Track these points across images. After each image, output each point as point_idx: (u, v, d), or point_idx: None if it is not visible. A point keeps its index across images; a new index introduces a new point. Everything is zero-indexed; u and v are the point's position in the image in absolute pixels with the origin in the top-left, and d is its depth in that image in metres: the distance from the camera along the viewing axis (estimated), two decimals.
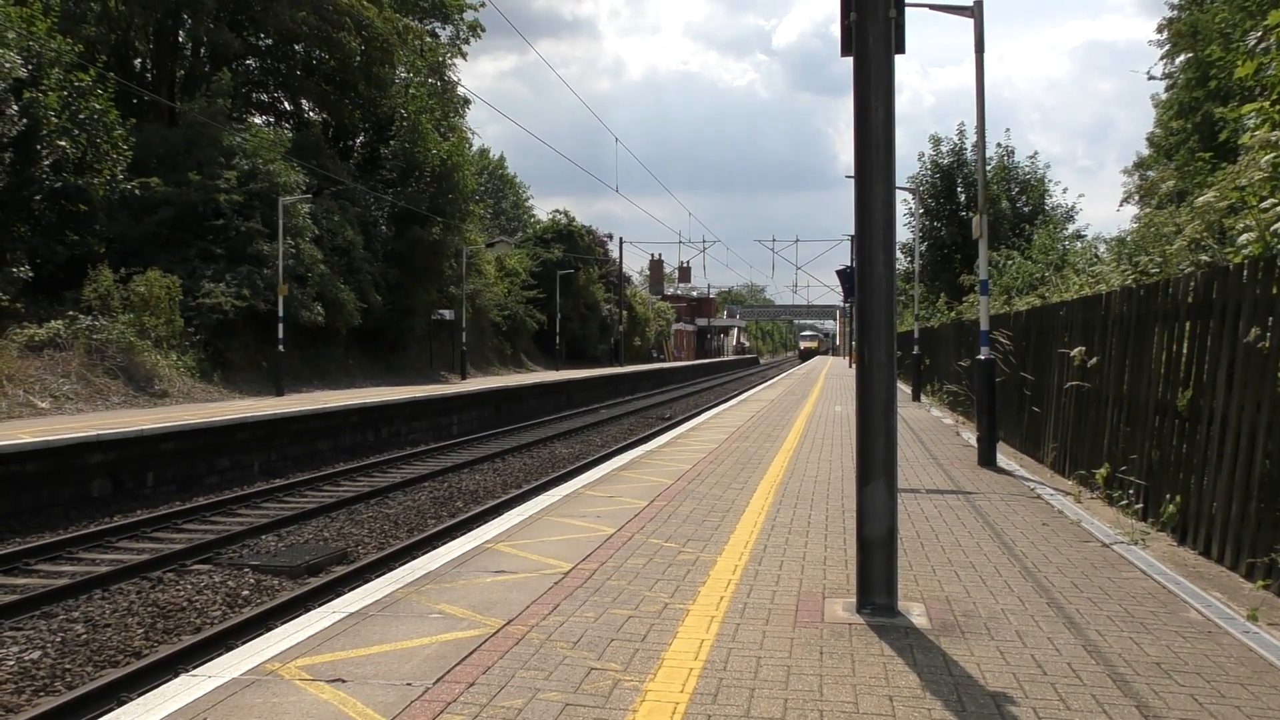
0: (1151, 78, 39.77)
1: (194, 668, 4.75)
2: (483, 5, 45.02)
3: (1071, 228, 34.63)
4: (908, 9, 6.18)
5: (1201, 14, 32.46)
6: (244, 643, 5.14)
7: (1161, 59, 38.98)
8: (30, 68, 22.34)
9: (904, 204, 38.83)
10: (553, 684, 4.54)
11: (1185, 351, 8.28)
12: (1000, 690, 4.52)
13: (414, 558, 7.51)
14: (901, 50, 5.94)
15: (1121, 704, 4.35)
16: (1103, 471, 10.14)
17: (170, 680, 4.60)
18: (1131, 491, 9.26)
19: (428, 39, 43.17)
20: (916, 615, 5.74)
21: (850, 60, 5.90)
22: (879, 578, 5.79)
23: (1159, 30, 38.92)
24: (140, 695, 4.40)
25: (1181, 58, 37.68)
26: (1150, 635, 5.42)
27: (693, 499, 9.74)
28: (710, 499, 9.76)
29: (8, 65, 20.96)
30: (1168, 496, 8.36)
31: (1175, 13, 37.44)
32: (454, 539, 7.77)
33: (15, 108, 21.54)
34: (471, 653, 4.96)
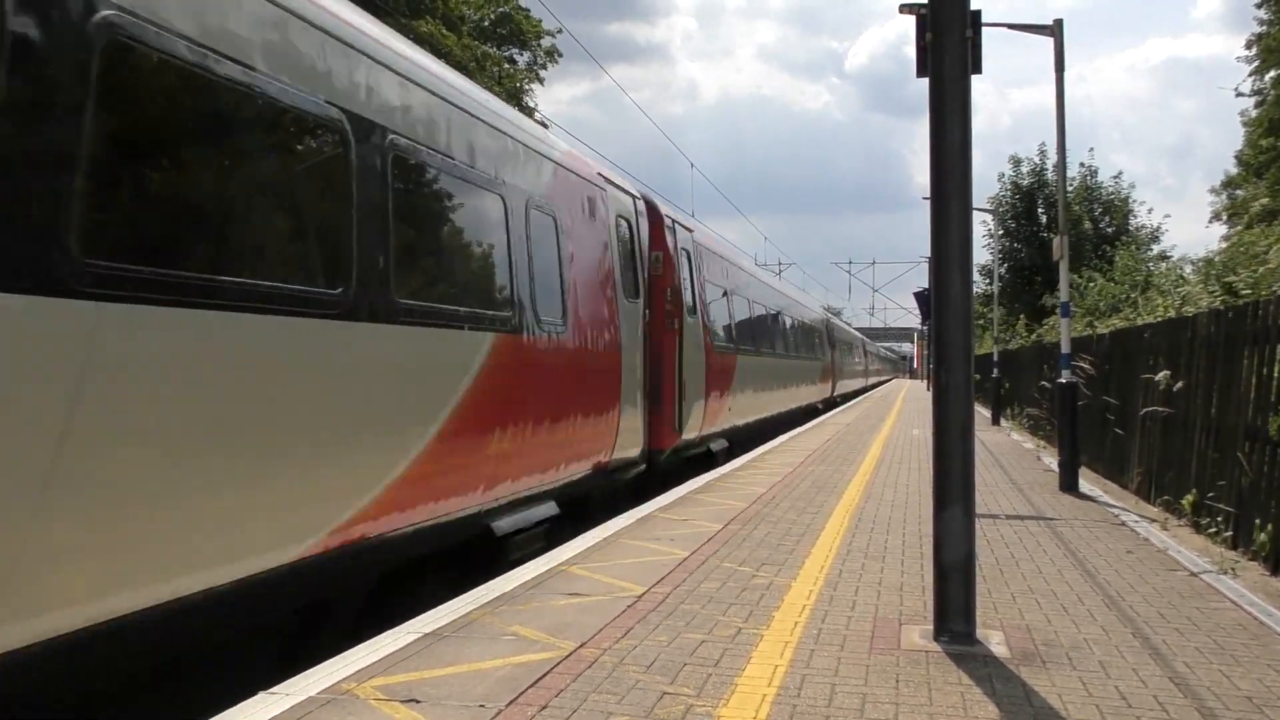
0: (1239, 94, 38.88)
1: (272, 686, 4.83)
2: (559, 32, 45.46)
3: (1156, 248, 33.95)
4: (985, 29, 6.13)
5: None
6: (320, 661, 5.20)
7: (1250, 75, 38.14)
8: None
9: (982, 225, 38.42)
10: (625, 708, 4.53)
11: (1277, 375, 8.04)
12: None
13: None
14: (978, 71, 5.89)
15: None
16: (1190, 498, 9.87)
17: (249, 698, 4.68)
18: (1220, 519, 8.99)
19: (505, 66, 43.76)
20: (995, 644, 5.63)
21: (926, 81, 5.86)
22: (957, 604, 5.68)
23: (1247, 46, 38.11)
24: (220, 712, 4.47)
25: (1272, 73, 36.81)
26: (1241, 668, 5.24)
27: (767, 523, 9.67)
28: (785, 523, 9.69)
29: None
30: (1259, 524, 8.10)
31: (1264, 28, 36.60)
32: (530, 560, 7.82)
33: None
34: (544, 675, 4.97)
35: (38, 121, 4.11)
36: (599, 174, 11.52)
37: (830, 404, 37.87)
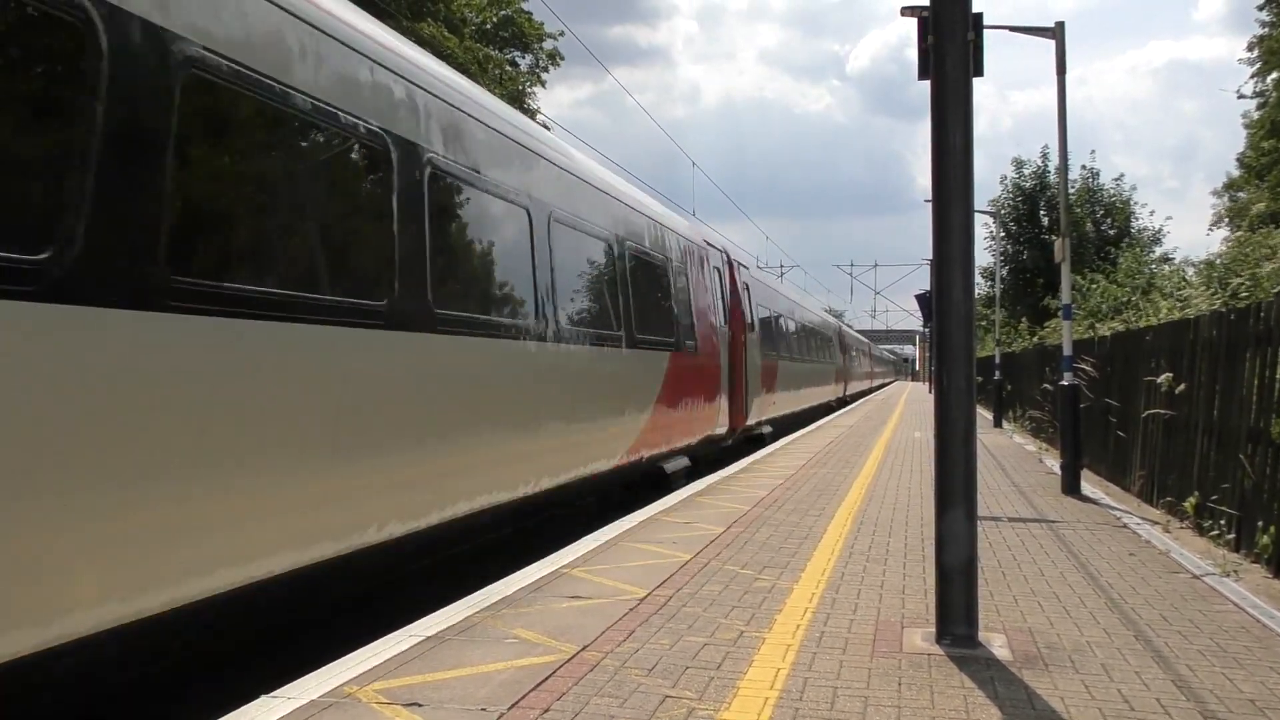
0: (1241, 96, 38.84)
1: (274, 689, 4.83)
2: (561, 35, 45.44)
3: (1159, 250, 33.93)
4: (986, 32, 6.13)
5: None
6: (323, 665, 5.21)
7: (1252, 77, 38.13)
8: None
9: (984, 228, 38.39)
10: (627, 711, 4.52)
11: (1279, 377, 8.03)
12: None
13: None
14: (980, 73, 5.89)
15: None
16: (1192, 500, 9.86)
17: (250, 701, 4.68)
18: (1223, 521, 8.98)
19: (508, 68, 43.76)
20: (998, 646, 5.62)
21: (928, 84, 5.86)
22: (959, 607, 5.68)
23: (1249, 48, 38.10)
24: (221, 716, 4.48)
25: (1274, 76, 36.79)
26: (1244, 671, 5.24)
27: (769, 525, 9.67)
28: (787, 525, 9.69)
29: None
30: (1261, 527, 8.09)
31: (1266, 30, 36.59)
32: (530, 563, 7.81)
33: None
34: (546, 678, 4.97)
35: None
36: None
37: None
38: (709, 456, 16.48)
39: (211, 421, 4.91)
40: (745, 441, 19.73)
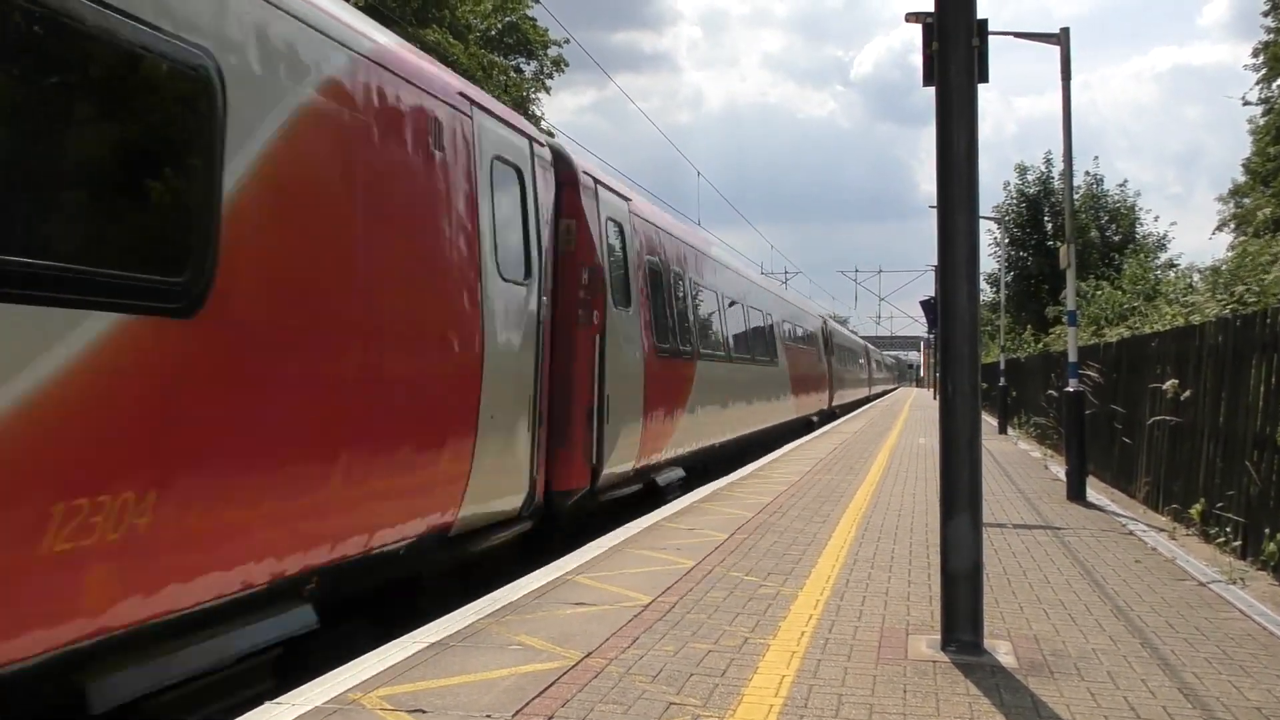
0: (1246, 103, 38.79)
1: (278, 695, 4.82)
2: (566, 41, 45.47)
3: (1164, 256, 33.88)
4: (991, 38, 6.13)
5: None
6: (327, 671, 5.20)
7: (1257, 83, 38.06)
8: None
9: (989, 234, 38.36)
10: (631, 718, 4.51)
11: None
12: None
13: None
14: (984, 79, 5.89)
15: None
16: (1198, 507, 9.83)
17: (256, 707, 4.67)
18: (1229, 528, 8.96)
19: (512, 74, 43.81)
20: (1003, 653, 5.60)
21: (932, 90, 5.85)
22: (964, 614, 5.66)
23: (1254, 54, 38.04)
24: None
25: (1279, 82, 36.72)
26: (1250, 679, 5.22)
27: (774, 532, 9.65)
28: (792, 532, 9.67)
29: None
30: (1268, 534, 8.06)
31: (1272, 36, 36.55)
32: (535, 569, 7.79)
33: None
34: (550, 685, 4.95)
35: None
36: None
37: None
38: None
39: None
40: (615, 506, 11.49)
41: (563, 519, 9.82)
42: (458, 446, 7.33)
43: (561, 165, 10.02)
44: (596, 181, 10.83)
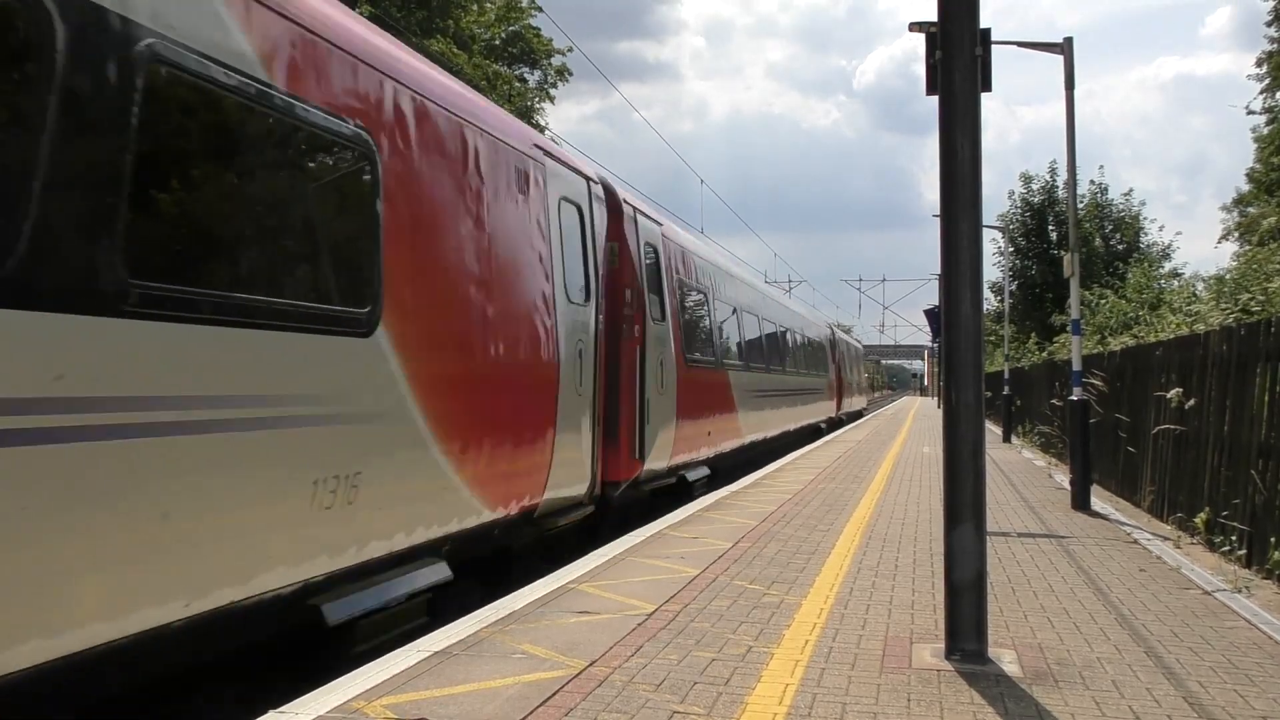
0: (1250, 112, 38.78)
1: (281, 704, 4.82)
2: (570, 51, 45.60)
3: (1168, 265, 33.86)
4: (994, 47, 6.14)
5: None
6: (330, 679, 5.20)
7: (1261, 93, 38.04)
8: None
9: (993, 243, 38.39)
10: None
11: None
12: None
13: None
14: (988, 88, 5.91)
15: None
16: (1203, 516, 9.81)
17: (258, 716, 4.67)
18: (1234, 537, 8.94)
19: (516, 84, 43.89)
20: (1008, 662, 5.60)
21: (935, 99, 5.87)
22: (968, 623, 5.66)
23: (1258, 64, 38.04)
24: None
25: None
26: (1256, 688, 5.20)
27: (778, 540, 9.65)
28: (796, 540, 9.66)
29: None
30: (1273, 542, 8.05)
31: (1275, 45, 36.56)
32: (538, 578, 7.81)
33: None
34: (554, 694, 4.95)
35: None
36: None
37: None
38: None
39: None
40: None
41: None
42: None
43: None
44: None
